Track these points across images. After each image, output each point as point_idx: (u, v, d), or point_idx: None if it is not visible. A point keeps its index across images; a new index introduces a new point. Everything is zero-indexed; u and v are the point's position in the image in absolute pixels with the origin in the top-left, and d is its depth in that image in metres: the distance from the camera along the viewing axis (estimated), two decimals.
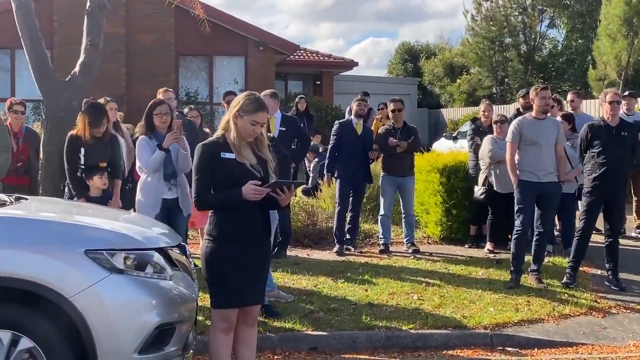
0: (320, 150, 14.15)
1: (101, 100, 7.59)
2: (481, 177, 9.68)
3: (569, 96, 10.65)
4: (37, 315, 4.05)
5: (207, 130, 10.04)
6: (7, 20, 19.95)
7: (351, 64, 27.77)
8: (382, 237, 9.79)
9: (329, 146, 10.05)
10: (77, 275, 4.07)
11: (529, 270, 8.05)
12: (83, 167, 6.67)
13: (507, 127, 9.67)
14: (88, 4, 8.05)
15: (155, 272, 4.38)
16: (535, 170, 7.84)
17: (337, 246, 9.46)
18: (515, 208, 7.96)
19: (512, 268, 7.95)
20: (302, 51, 26.14)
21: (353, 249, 9.69)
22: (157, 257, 4.42)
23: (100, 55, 8.07)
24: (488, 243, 9.76)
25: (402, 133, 9.68)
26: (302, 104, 14.21)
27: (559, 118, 9.48)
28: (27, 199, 5.12)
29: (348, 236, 9.73)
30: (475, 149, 10.07)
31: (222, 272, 4.45)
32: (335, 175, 9.78)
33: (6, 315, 4.03)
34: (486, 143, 9.59)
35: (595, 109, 16.98)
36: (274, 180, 4.50)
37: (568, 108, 10.63)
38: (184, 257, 4.84)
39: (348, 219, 9.76)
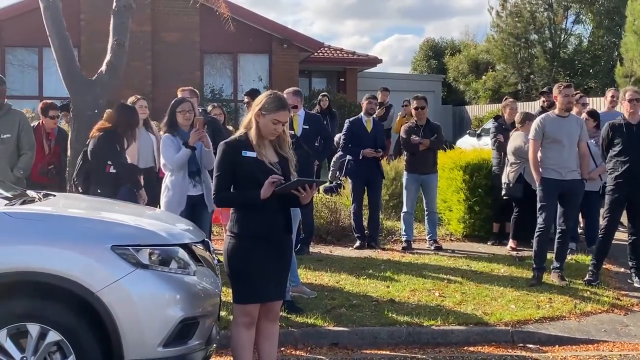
0: None
1: (132, 99, 7.71)
2: (513, 174, 9.51)
3: (611, 92, 10.59)
4: (65, 308, 4.17)
5: (230, 127, 10.14)
6: (34, 19, 20.32)
7: (375, 61, 27.76)
8: (404, 234, 9.83)
9: (340, 145, 10.13)
10: (103, 270, 4.18)
11: (552, 267, 8.05)
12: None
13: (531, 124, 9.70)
14: (114, 3, 8.19)
15: (180, 268, 4.48)
16: (558, 168, 7.84)
17: (358, 242, 9.54)
18: (538, 205, 7.97)
19: (534, 265, 7.96)
20: (326, 48, 26.20)
21: (375, 245, 9.74)
22: (182, 253, 4.53)
23: (126, 54, 8.20)
24: (511, 240, 9.76)
25: (425, 130, 9.72)
26: (324, 102, 14.28)
27: (584, 115, 9.46)
28: (55, 195, 5.24)
29: (367, 232, 9.78)
30: (499, 146, 10.06)
31: (244, 268, 4.53)
32: (348, 174, 9.87)
33: (35, 309, 4.15)
34: (522, 138, 9.39)
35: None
36: (296, 179, 4.57)
37: (607, 104, 10.57)
38: (208, 253, 4.93)
39: (367, 215, 9.81)
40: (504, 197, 9.65)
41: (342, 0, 77.54)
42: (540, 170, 7.92)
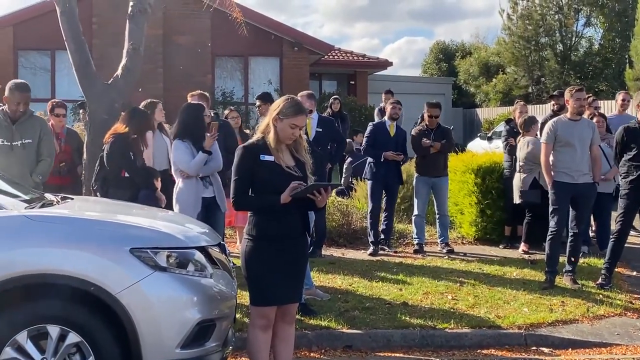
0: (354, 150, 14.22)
1: (145, 102, 7.77)
2: (527, 179, 9.53)
3: (622, 95, 10.60)
4: (84, 310, 4.22)
5: (247, 131, 10.21)
6: (47, 23, 20.57)
7: (385, 64, 27.81)
8: (416, 237, 9.86)
9: (362, 148, 10.15)
10: (122, 272, 4.23)
11: (564, 271, 8.06)
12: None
13: (537, 127, 9.74)
14: (130, 8, 8.27)
15: (197, 270, 4.54)
16: (570, 172, 7.85)
17: (372, 247, 9.55)
18: (550, 209, 7.98)
19: (546, 269, 7.98)
20: (336, 51, 26.26)
21: (388, 248, 9.78)
22: (199, 256, 4.58)
23: (142, 58, 8.27)
24: (523, 244, 9.77)
25: (435, 134, 9.75)
26: (336, 105, 14.31)
27: (596, 119, 9.47)
28: (72, 198, 5.31)
29: (382, 236, 9.82)
30: (510, 150, 10.07)
31: (261, 271, 4.58)
32: (367, 176, 9.89)
33: (55, 311, 4.21)
34: (532, 144, 9.42)
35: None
36: (312, 183, 4.62)
37: (618, 107, 10.57)
38: (224, 255, 4.99)
39: (382, 219, 9.84)
40: (519, 203, 9.64)
41: (352, 2, 77.70)
42: (552, 173, 7.94)
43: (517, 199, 9.59)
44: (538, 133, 10.10)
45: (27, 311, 4.19)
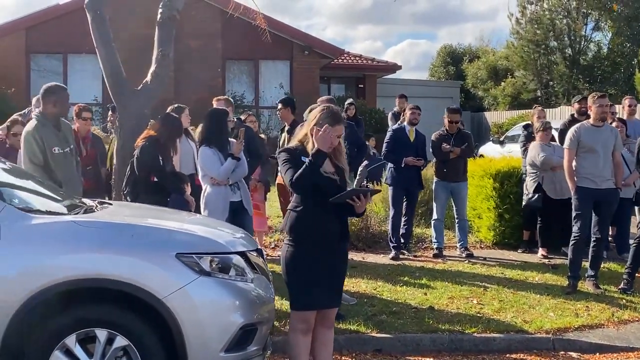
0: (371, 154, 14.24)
1: (173, 107, 7.87)
2: (531, 184, 9.74)
3: (627, 100, 10.68)
4: (132, 314, 4.31)
5: (263, 136, 10.30)
6: (59, 27, 20.71)
7: (394, 67, 27.90)
8: (435, 241, 9.94)
9: (383, 153, 10.22)
10: (169, 277, 4.32)
11: (586, 275, 8.13)
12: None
13: (550, 133, 9.87)
14: (159, 15, 8.37)
15: (238, 275, 4.62)
16: (593, 177, 7.93)
17: (393, 252, 9.61)
18: (573, 214, 8.05)
19: (569, 274, 8.04)
20: (345, 55, 26.34)
21: (407, 252, 9.85)
22: (239, 261, 4.67)
23: (170, 64, 8.37)
24: (541, 248, 9.85)
25: (455, 139, 9.82)
26: (351, 110, 14.37)
27: (615, 124, 9.54)
28: (110, 203, 5.40)
29: (402, 241, 9.90)
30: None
31: (302, 276, 4.66)
32: (388, 182, 9.96)
33: (103, 315, 4.30)
34: (537, 149, 9.65)
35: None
36: (351, 189, 4.70)
37: (625, 112, 10.65)
38: (261, 260, 5.07)
39: (402, 223, 9.91)
40: (525, 207, 9.83)
41: (355, 5, 77.79)
42: (575, 179, 8.01)
43: (524, 203, 9.87)
44: (556, 139, 10.23)
45: (76, 315, 4.27)
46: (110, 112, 8.82)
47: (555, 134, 10.35)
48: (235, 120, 9.06)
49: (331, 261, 4.71)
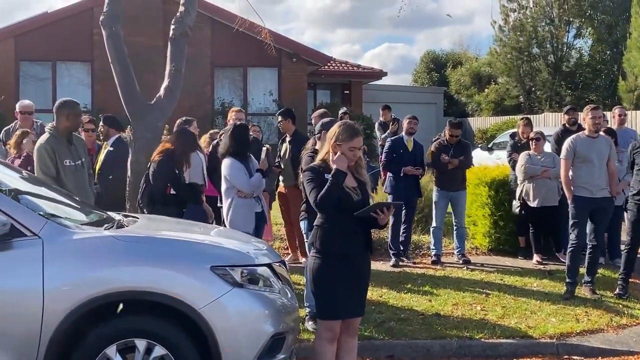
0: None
1: (181, 120, 8.08)
2: (517, 192, 10.12)
3: (617, 110, 11.00)
4: (170, 325, 4.51)
5: (267, 146, 10.50)
6: (48, 34, 20.78)
7: (380, 74, 28.25)
8: (433, 248, 10.20)
9: (382, 163, 10.47)
10: (204, 288, 4.53)
11: (583, 281, 8.42)
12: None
13: (543, 144, 10.20)
14: (171, 32, 8.58)
15: (266, 286, 4.84)
16: (589, 187, 8.23)
17: (393, 259, 9.86)
18: (570, 222, 8.35)
19: (567, 280, 8.32)
20: (331, 61, 26.59)
21: (406, 259, 10.11)
22: (267, 272, 4.89)
23: (182, 79, 8.58)
24: (535, 255, 10.13)
25: (455, 149, 10.08)
26: (346, 119, 14.58)
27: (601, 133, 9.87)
28: (137, 217, 5.59)
29: (402, 248, 10.14)
30: (514, 164, 10.44)
31: (329, 286, 4.89)
32: (388, 190, 10.19)
33: (142, 325, 4.49)
34: (521, 159, 10.03)
35: (630, 120, 17.28)
36: (375, 203, 4.95)
37: (615, 122, 10.97)
38: (285, 271, 5.29)
39: (401, 231, 10.15)
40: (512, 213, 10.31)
41: (333, 9, 78.20)
42: (572, 188, 8.30)
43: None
44: (548, 146, 10.55)
45: (117, 326, 4.46)
46: (101, 123, 8.90)
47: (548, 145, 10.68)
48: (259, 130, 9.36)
49: (356, 272, 4.94)
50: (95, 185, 8.14)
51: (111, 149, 8.72)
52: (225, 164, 7.17)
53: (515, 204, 10.18)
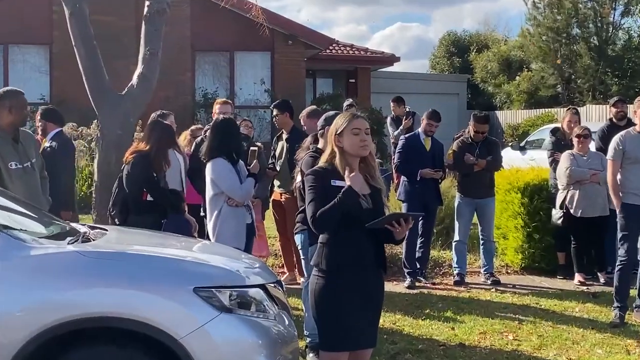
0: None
1: (156, 114, 8.08)
2: (559, 199, 10.08)
3: None
4: (145, 357, 4.49)
5: (259, 144, 10.51)
6: None
7: (391, 59, 28.29)
8: (456, 266, 10.20)
9: (395, 165, 10.47)
10: (187, 314, 4.50)
11: (634, 306, 8.40)
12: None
13: (589, 143, 10.18)
14: (146, 9, 8.60)
15: (259, 311, 4.82)
16: None
17: (409, 279, 9.87)
18: (619, 235, 8.33)
19: (615, 304, 8.31)
20: (334, 44, 26.60)
21: (424, 279, 10.10)
22: (261, 295, 4.88)
23: (159, 64, 8.59)
24: (577, 274, 10.12)
25: (481, 148, 10.08)
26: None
27: None
28: (106, 229, 5.58)
29: (418, 266, 10.14)
30: (555, 166, 10.42)
31: (334, 311, 4.86)
32: (402, 197, 10.18)
33: (114, 357, 4.47)
34: (563, 160, 9.98)
35: None
36: (391, 213, 4.93)
37: None
38: (282, 293, 5.28)
39: (418, 246, 10.15)
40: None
41: None
42: (621, 195, 8.29)
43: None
44: (592, 145, 10.54)
45: (82, 357, 4.44)
46: (39, 118, 8.79)
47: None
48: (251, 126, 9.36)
49: (366, 295, 4.91)
50: None
51: (50, 145, 8.57)
52: (213, 165, 7.14)
53: (557, 213, 10.13)
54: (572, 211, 9.94)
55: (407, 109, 15.35)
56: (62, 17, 20.49)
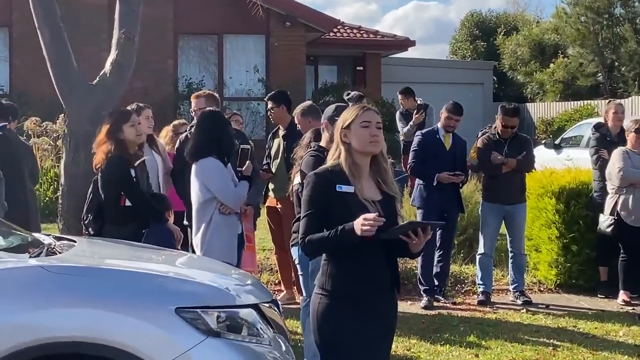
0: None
1: (132, 107, 8.10)
2: (609, 204, 10.06)
3: None
4: None
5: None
6: None
7: (405, 44, 28.29)
8: (481, 282, 10.20)
9: (409, 165, 10.46)
10: (168, 339, 4.52)
11: None
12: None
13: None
14: None
15: (252, 335, 4.83)
16: None
17: (425, 298, 9.87)
18: None
19: None
20: (339, 26, 26.57)
21: (443, 298, 10.10)
22: (253, 316, 4.88)
23: (136, 50, 8.60)
24: (622, 292, 10.11)
25: (510, 146, 10.07)
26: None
27: None
28: (74, 241, 5.59)
29: (436, 283, 10.14)
30: (602, 165, 10.41)
31: (339, 335, 4.85)
32: (416, 204, 10.18)
33: None
34: (615, 158, 9.95)
35: None
36: (407, 222, 4.92)
37: None
38: (277, 313, 5.29)
39: (436, 260, 10.15)
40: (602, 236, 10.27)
41: None
42: None
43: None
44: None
45: None
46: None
47: None
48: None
49: (377, 317, 4.90)
50: None
51: None
52: (202, 166, 7.15)
53: (605, 220, 10.06)
54: (624, 218, 9.90)
55: (419, 101, 15.22)
56: None
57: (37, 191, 11.38)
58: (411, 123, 14.43)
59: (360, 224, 4.66)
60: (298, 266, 7.30)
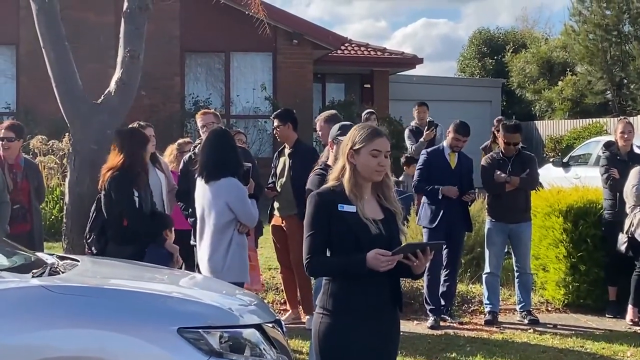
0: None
1: (134, 126, 8.14)
2: (627, 223, 10.00)
3: None
4: None
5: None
6: None
7: (413, 61, 28.32)
8: (487, 302, 10.17)
9: (414, 183, 10.46)
10: (170, 359, 4.52)
11: None
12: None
13: None
14: (126, 4, 8.67)
15: (255, 356, 4.85)
16: None
17: (432, 318, 9.85)
18: None
19: None
20: (346, 44, 26.65)
21: (450, 318, 10.09)
22: (257, 337, 4.90)
23: (141, 68, 8.64)
24: (630, 309, 10.06)
25: (514, 164, 10.06)
26: (372, 122, 14.61)
27: None
28: (77, 260, 5.61)
29: (443, 302, 10.13)
30: (612, 184, 10.39)
31: (341, 356, 4.86)
32: (422, 223, 10.17)
33: None
34: (633, 177, 9.91)
35: None
36: (408, 243, 4.93)
37: None
38: (281, 334, 5.30)
39: (442, 279, 10.14)
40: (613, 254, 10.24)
41: None
42: None
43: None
44: None
45: None
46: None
47: None
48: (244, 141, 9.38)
49: (380, 337, 4.90)
50: None
51: None
52: (228, 186, 7.16)
53: (622, 238, 10.05)
54: (637, 237, 9.87)
55: (429, 120, 15.22)
56: (30, 14, 20.82)
57: (42, 209, 11.39)
58: (422, 139, 14.41)
59: (381, 261, 4.69)
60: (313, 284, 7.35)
